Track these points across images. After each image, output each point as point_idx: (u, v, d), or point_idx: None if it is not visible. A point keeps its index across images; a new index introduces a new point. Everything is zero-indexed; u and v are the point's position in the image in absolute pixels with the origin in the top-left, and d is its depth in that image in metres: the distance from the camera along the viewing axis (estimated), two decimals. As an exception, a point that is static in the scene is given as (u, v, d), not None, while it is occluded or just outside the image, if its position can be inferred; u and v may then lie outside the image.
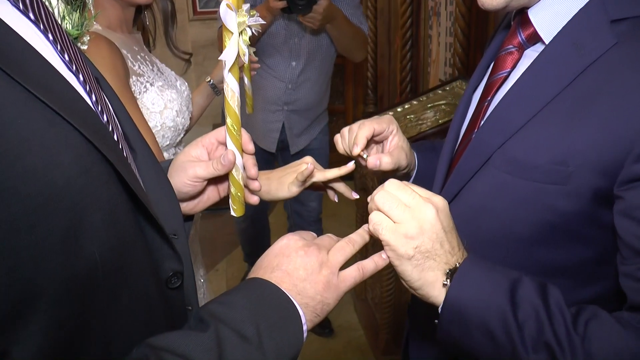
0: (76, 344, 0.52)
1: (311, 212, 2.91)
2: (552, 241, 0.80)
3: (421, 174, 1.13)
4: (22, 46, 0.52)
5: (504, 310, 0.72)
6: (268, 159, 2.74)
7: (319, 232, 2.93)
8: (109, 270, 0.54)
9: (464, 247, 0.79)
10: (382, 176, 1.11)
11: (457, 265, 0.75)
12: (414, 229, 0.74)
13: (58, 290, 0.49)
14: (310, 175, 1.07)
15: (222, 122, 2.98)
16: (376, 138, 1.07)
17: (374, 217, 0.77)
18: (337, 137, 1.09)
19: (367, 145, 1.06)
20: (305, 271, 0.70)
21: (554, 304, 0.72)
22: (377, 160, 1.02)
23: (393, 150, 1.06)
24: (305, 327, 0.68)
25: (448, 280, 0.75)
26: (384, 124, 1.05)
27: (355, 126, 1.05)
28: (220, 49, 2.90)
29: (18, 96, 0.48)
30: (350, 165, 1.09)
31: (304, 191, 1.13)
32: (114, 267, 0.55)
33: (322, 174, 1.09)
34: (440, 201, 0.77)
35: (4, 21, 0.51)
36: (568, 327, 0.70)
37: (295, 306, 0.68)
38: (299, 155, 2.74)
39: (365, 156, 1.03)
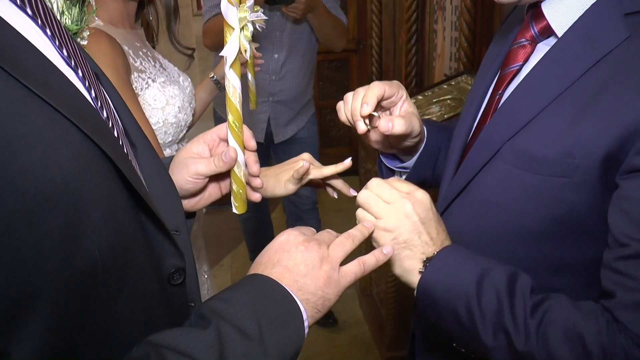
0: (76, 343, 0.52)
1: (305, 201, 2.95)
2: (559, 236, 0.80)
3: (429, 148, 1.08)
4: (19, 42, 0.51)
5: (470, 296, 0.77)
6: (260, 151, 2.77)
7: (316, 220, 2.98)
8: (109, 268, 0.54)
9: (447, 237, 0.84)
10: (388, 148, 1.08)
11: (434, 254, 0.81)
12: (392, 223, 0.81)
13: (58, 288, 0.48)
14: (307, 172, 1.06)
15: (215, 117, 2.98)
16: (384, 103, 0.98)
17: (358, 213, 0.85)
18: (340, 105, 1.00)
19: (375, 110, 0.95)
20: (305, 267, 0.70)
21: (519, 291, 0.76)
22: (389, 122, 0.91)
23: (404, 112, 0.98)
24: (306, 323, 0.68)
25: (424, 268, 0.81)
26: (394, 87, 0.96)
27: (361, 89, 0.95)
28: (206, 44, 2.95)
29: (15, 92, 0.47)
30: (347, 162, 1.08)
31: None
32: (115, 265, 0.55)
33: (319, 171, 1.08)
34: (420, 195, 0.83)
35: (0, 17, 0.51)
36: (526, 313, 0.74)
37: (296, 302, 0.68)
38: (286, 144, 2.86)
39: (377, 115, 0.92)
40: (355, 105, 0.93)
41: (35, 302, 0.47)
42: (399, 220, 0.80)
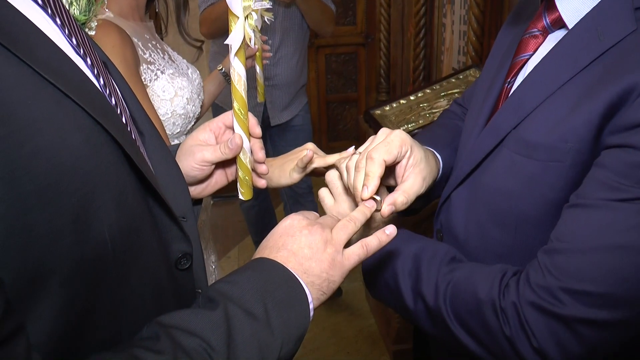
0: (87, 323, 0.53)
1: (300, 184, 3.00)
2: (557, 222, 0.81)
3: (443, 175, 1.04)
4: (30, 29, 0.53)
5: (397, 269, 0.87)
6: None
7: (312, 203, 3.04)
8: (118, 251, 0.55)
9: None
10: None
11: None
12: (342, 208, 0.92)
13: (70, 268, 0.49)
14: (311, 161, 1.07)
15: (213, 107, 3.05)
16: (387, 165, 0.90)
17: (320, 192, 0.97)
18: (342, 169, 0.94)
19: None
20: (310, 250, 0.71)
21: (438, 259, 0.84)
22: (392, 206, 0.86)
23: (408, 175, 0.90)
24: (311, 306, 0.69)
25: None
26: (394, 149, 0.87)
27: (361, 162, 0.88)
28: (203, 32, 3.03)
29: (27, 78, 0.48)
30: (350, 150, 1.07)
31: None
32: (124, 248, 0.56)
33: (323, 160, 1.09)
34: None
35: (13, 5, 0.52)
36: (439, 277, 0.82)
37: (301, 285, 0.69)
38: (281, 130, 2.93)
39: (378, 199, 0.86)
40: (357, 186, 0.87)
41: (49, 281, 0.48)
42: (350, 209, 0.90)
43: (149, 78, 1.48)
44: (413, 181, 0.89)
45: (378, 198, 0.85)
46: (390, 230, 0.78)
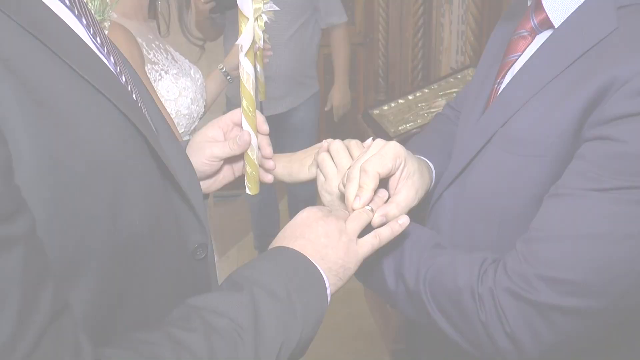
0: (118, 306, 0.56)
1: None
2: None
3: (437, 181, 1.04)
4: (64, 29, 0.57)
5: (379, 252, 0.85)
6: None
7: (314, 200, 3.02)
8: (147, 238, 0.58)
9: None
10: None
11: None
12: (332, 187, 0.93)
13: (105, 254, 0.52)
14: None
15: (228, 104, 3.04)
16: (381, 178, 0.89)
17: (318, 158, 0.97)
18: (334, 151, 0.96)
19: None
20: (326, 238, 0.76)
21: (422, 244, 0.86)
22: (383, 217, 0.85)
23: (401, 188, 0.89)
24: (329, 291, 0.73)
25: None
26: (388, 162, 0.86)
27: (352, 172, 0.87)
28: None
29: (65, 73, 0.52)
30: (368, 142, 1.07)
31: None
32: (151, 235, 0.59)
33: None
34: None
35: (48, 6, 0.56)
36: (420, 260, 0.84)
37: (319, 271, 0.73)
38: (278, 121, 2.93)
39: (369, 208, 0.85)
40: (349, 197, 0.86)
41: (86, 265, 0.51)
42: (337, 187, 0.91)
43: (153, 78, 1.49)
44: (406, 194, 0.89)
45: (369, 208, 0.85)
46: (403, 220, 0.82)
